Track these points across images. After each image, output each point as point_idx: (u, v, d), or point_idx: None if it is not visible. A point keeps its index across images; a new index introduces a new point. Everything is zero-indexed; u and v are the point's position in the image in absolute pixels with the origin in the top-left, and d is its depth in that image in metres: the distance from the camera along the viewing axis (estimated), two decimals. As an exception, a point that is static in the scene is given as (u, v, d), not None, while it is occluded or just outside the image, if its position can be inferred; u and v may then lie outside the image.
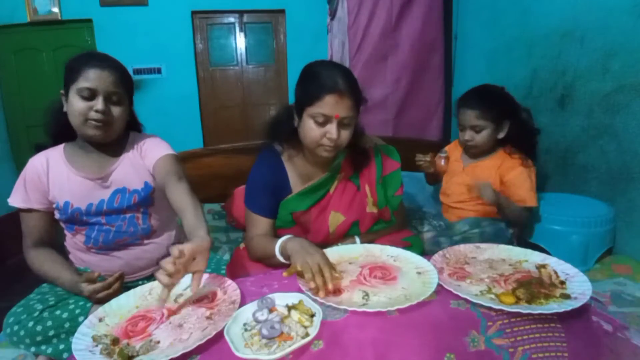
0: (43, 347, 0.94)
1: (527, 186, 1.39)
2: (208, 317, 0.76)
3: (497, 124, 1.42)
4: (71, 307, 0.98)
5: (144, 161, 1.13)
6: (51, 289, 1.06)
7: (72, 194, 1.07)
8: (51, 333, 0.94)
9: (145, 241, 1.16)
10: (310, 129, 1.00)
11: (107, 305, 0.82)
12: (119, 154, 1.13)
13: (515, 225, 1.49)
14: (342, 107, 0.97)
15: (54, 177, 1.07)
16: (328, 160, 1.10)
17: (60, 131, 1.11)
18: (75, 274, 1.01)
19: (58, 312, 0.96)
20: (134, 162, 1.14)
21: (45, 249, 1.07)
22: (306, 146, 1.06)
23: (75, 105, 1.00)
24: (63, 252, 1.13)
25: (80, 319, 0.95)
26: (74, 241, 1.13)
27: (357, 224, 1.16)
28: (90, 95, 1.00)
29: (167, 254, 1.11)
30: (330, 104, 0.96)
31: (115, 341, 0.71)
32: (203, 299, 0.83)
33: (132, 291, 0.87)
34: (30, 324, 0.93)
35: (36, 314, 0.95)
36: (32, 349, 0.94)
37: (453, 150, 1.65)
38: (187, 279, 0.92)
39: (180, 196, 0.97)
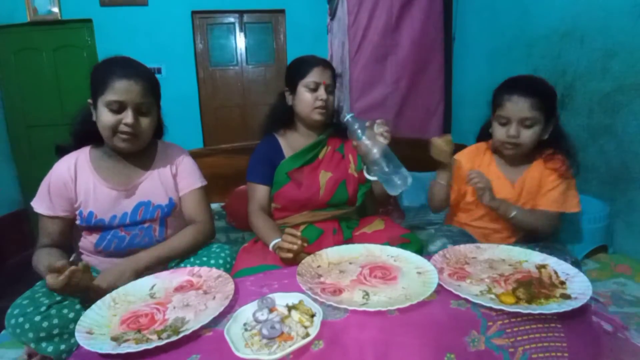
0: (44, 345, 0.92)
1: (562, 189, 1.20)
2: (205, 292, 0.77)
3: (547, 119, 1.17)
4: (77, 306, 0.95)
5: (176, 181, 1.17)
6: None
7: (97, 205, 1.06)
8: (56, 331, 0.92)
9: None
10: (305, 96, 1.27)
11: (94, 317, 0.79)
12: (148, 166, 1.14)
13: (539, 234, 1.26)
14: (327, 76, 1.28)
15: (81, 184, 1.06)
16: (317, 133, 1.36)
17: (86, 136, 1.10)
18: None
19: (65, 311, 0.94)
20: (163, 177, 1.15)
21: (52, 248, 1.05)
22: (303, 114, 1.30)
23: (105, 118, 1.00)
24: (71, 253, 1.12)
25: None
26: (83, 242, 1.12)
27: (344, 183, 1.35)
28: (118, 108, 1.00)
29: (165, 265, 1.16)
30: (318, 73, 1.27)
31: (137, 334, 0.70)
32: (182, 287, 0.85)
33: (101, 302, 0.84)
34: (37, 318, 0.91)
35: (43, 308, 0.92)
36: (32, 345, 0.92)
37: (474, 158, 1.33)
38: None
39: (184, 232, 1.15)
